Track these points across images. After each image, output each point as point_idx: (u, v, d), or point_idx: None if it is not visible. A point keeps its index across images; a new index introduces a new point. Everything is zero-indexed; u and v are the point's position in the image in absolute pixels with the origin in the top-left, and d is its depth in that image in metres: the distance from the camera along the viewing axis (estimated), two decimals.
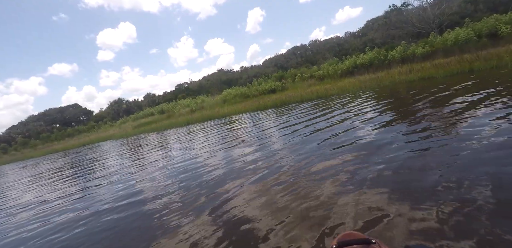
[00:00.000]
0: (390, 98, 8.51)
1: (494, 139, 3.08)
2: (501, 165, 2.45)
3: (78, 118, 58.91)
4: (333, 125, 6.17)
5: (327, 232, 2.04)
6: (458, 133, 3.61)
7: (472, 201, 2.01)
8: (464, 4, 28.71)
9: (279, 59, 56.86)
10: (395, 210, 2.10)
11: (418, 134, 4.02)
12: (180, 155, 6.98)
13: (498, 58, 10.46)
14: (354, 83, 15.37)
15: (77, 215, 3.93)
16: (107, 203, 4.20)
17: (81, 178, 7.28)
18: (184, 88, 56.20)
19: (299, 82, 25.40)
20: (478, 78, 8.14)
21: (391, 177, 2.74)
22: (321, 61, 35.37)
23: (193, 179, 4.37)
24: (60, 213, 4.24)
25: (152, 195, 4.05)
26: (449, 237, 1.68)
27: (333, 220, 2.19)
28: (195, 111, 26.34)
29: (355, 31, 52.15)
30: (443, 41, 17.64)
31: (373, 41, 31.08)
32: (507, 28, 15.37)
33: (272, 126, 8.27)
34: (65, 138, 40.43)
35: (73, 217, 3.91)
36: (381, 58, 20.50)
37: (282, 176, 3.51)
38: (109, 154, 12.10)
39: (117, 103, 54.13)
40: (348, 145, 4.22)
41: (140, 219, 3.24)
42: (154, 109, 38.03)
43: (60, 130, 47.21)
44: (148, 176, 5.44)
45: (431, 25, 24.19)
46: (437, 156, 3.03)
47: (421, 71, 12.76)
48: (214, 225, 2.62)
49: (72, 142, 31.22)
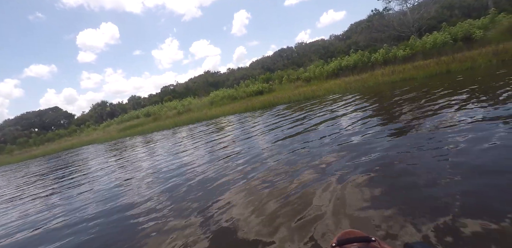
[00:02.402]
0: (374, 98, 8.86)
1: (473, 135, 3.36)
2: (476, 158, 2.71)
3: (59, 122, 56.65)
4: (321, 123, 6.37)
5: (318, 234, 2.05)
6: (437, 128, 3.88)
7: (451, 195, 2.15)
8: (441, 10, 30.23)
9: (266, 61, 57.27)
10: (388, 209, 2.14)
11: (401, 130, 4.28)
12: (168, 158, 6.89)
13: (472, 60, 11.15)
14: (339, 84, 15.81)
15: (57, 225, 3.69)
16: (91, 210, 3.98)
17: (63, 184, 7.06)
18: (170, 90, 55.44)
19: (286, 84, 25.75)
20: (455, 79, 8.64)
21: (380, 175, 2.82)
22: (307, 63, 36.01)
23: (181, 182, 4.27)
24: (43, 221, 3.97)
25: (138, 200, 3.87)
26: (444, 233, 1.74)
27: (324, 221, 2.19)
28: (182, 114, 26.07)
29: (340, 34, 53.52)
30: (422, 44, 18.50)
31: (357, 44, 32.03)
32: (480, 32, 16.38)
33: (261, 127, 8.38)
34: (45, 143, 38.71)
35: (53, 227, 3.67)
36: (365, 61, 21.21)
37: (272, 178, 3.45)
38: (92, 158, 11.80)
39: (101, 106, 52.57)
40: (337, 145, 4.37)
41: (126, 226, 3.11)
42: (139, 112, 37.29)
43: (39, 134, 45.14)
44: (134, 179, 5.30)
45: (411, 29, 25.27)
46: (423, 153, 3.26)
47: (403, 72, 13.33)
48: (202, 228, 2.58)
49: (53, 147, 29.98)
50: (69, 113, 59.54)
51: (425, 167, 2.77)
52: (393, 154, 3.33)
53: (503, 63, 9.95)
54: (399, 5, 27.94)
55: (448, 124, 3.98)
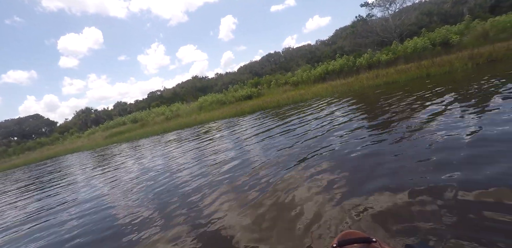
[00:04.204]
0: (361, 101, 9.23)
1: (456, 133, 3.66)
2: (456, 151, 2.99)
3: (40, 130, 54.57)
4: (310, 130, 6.58)
5: (314, 235, 2.06)
6: (421, 128, 4.18)
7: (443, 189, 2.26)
8: (420, 16, 31.68)
9: (254, 66, 57.69)
10: (382, 207, 2.20)
11: (388, 130, 4.56)
12: (157, 165, 6.88)
13: (450, 64, 11.79)
14: (326, 88, 16.23)
15: (41, 236, 3.59)
16: (74, 219, 3.89)
17: (44, 195, 6.89)
18: (157, 96, 54.73)
19: (274, 88, 26.08)
20: (434, 82, 9.14)
21: (371, 175, 2.91)
22: (295, 68, 36.67)
23: (169, 190, 4.20)
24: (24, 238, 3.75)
25: (125, 210, 3.78)
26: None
27: (317, 226, 2.19)
28: (171, 119, 25.84)
29: (326, 39, 54.78)
30: (404, 49, 19.32)
31: (342, 49, 32.98)
32: (456, 37, 17.35)
33: (251, 132, 8.52)
34: (25, 152, 37.20)
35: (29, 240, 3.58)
36: (350, 65, 21.87)
37: (263, 183, 3.44)
38: (76, 167, 11.56)
39: (85, 113, 51.09)
40: (327, 146, 4.57)
41: (113, 236, 3.02)
42: (126, 118, 36.56)
43: (18, 143, 43.34)
44: (122, 187, 5.19)
45: (393, 34, 26.32)
46: (409, 149, 3.52)
47: (386, 76, 13.89)
48: (190, 237, 2.55)
49: (34, 156, 28.88)
50: (51, 121, 57.52)
51: (407, 163, 3.02)
52: (379, 148, 3.59)
53: (477, 67, 10.62)
54: (381, 12, 29.13)
55: (424, 121, 4.29)
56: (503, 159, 2.53)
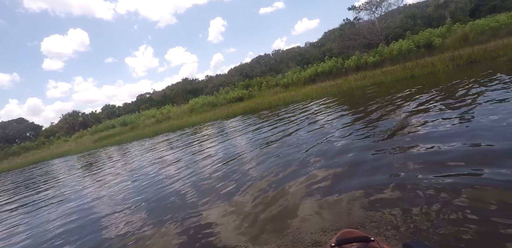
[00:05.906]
0: (349, 102, 9.59)
1: (440, 130, 3.97)
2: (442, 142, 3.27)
3: (24, 135, 52.88)
4: (302, 128, 6.81)
5: (305, 236, 2.04)
6: (408, 124, 4.48)
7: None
8: (405, 19, 32.80)
9: (244, 68, 57.94)
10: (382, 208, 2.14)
11: (376, 130, 4.85)
12: (151, 168, 6.90)
13: (432, 66, 12.37)
14: (316, 89, 16.61)
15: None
16: (60, 226, 3.78)
17: (30, 201, 6.87)
18: (147, 98, 54.18)
19: (265, 90, 26.36)
20: (418, 83, 9.60)
21: (365, 175, 2.90)
22: (285, 70, 37.20)
23: (162, 193, 4.13)
24: None
25: (114, 216, 3.64)
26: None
27: (312, 225, 2.16)
28: (161, 122, 25.68)
29: (315, 42, 55.74)
30: (389, 51, 20.02)
31: (331, 51, 33.71)
32: (439, 40, 18.15)
33: (243, 134, 8.67)
34: (9, 157, 36.01)
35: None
36: (339, 67, 22.44)
37: (256, 187, 3.38)
38: (62, 172, 11.42)
39: (72, 116, 49.86)
40: (318, 144, 4.78)
41: (99, 242, 2.94)
42: (115, 121, 36.04)
43: (2, 148, 41.87)
44: (111, 192, 5.08)
45: (379, 37, 27.17)
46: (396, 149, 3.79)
47: (373, 77, 14.38)
48: (181, 239, 2.52)
49: (19, 161, 28.03)
50: (36, 125, 55.84)
51: (399, 160, 3.28)
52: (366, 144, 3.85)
53: (458, 68, 11.21)
54: (368, 15, 30.04)
55: (409, 120, 4.61)
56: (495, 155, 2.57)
